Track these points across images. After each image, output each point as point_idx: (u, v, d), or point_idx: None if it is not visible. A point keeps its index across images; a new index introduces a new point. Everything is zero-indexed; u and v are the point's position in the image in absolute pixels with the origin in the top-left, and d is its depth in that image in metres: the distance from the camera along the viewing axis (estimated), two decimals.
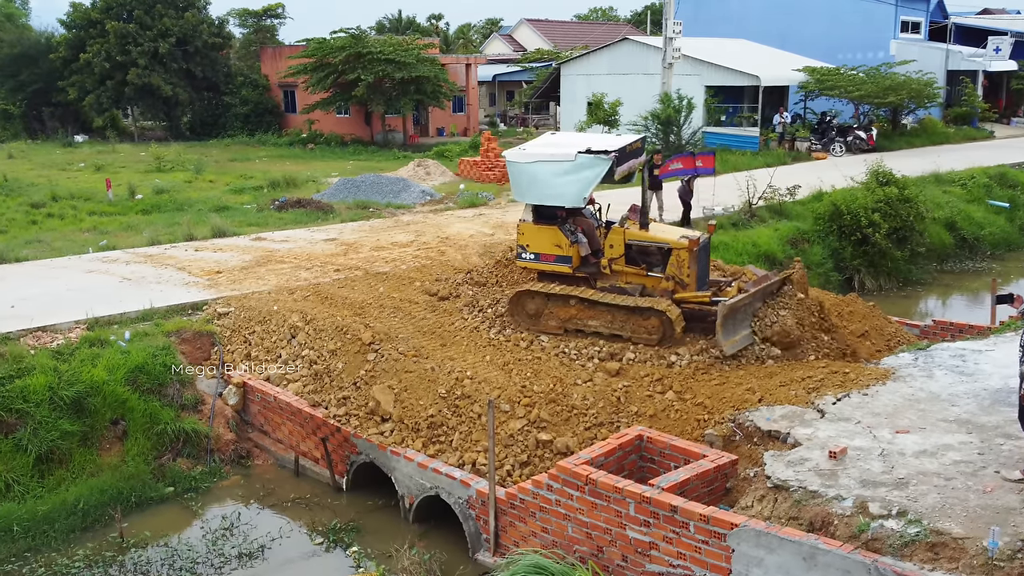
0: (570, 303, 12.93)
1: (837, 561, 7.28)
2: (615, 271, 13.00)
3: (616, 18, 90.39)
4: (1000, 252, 25.08)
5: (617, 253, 12.94)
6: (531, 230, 13.19)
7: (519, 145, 13.78)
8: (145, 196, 27.18)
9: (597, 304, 12.73)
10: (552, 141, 13.84)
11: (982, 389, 10.40)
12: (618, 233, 12.95)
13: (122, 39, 45.84)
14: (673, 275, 12.63)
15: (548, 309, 13.14)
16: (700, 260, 12.74)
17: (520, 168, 12.92)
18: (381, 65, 40.78)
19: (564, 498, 9.15)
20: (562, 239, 13.01)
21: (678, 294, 12.62)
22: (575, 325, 12.95)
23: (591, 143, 12.88)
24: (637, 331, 12.53)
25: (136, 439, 12.32)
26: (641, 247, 12.96)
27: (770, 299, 12.78)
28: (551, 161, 12.65)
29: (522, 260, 13.52)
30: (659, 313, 12.33)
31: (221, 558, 10.66)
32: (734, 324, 12.02)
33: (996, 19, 59.67)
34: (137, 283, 16.60)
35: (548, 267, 13.22)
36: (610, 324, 12.70)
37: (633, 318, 12.54)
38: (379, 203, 25.43)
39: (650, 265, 12.93)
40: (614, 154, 12.36)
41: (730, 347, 11.90)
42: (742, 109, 38.70)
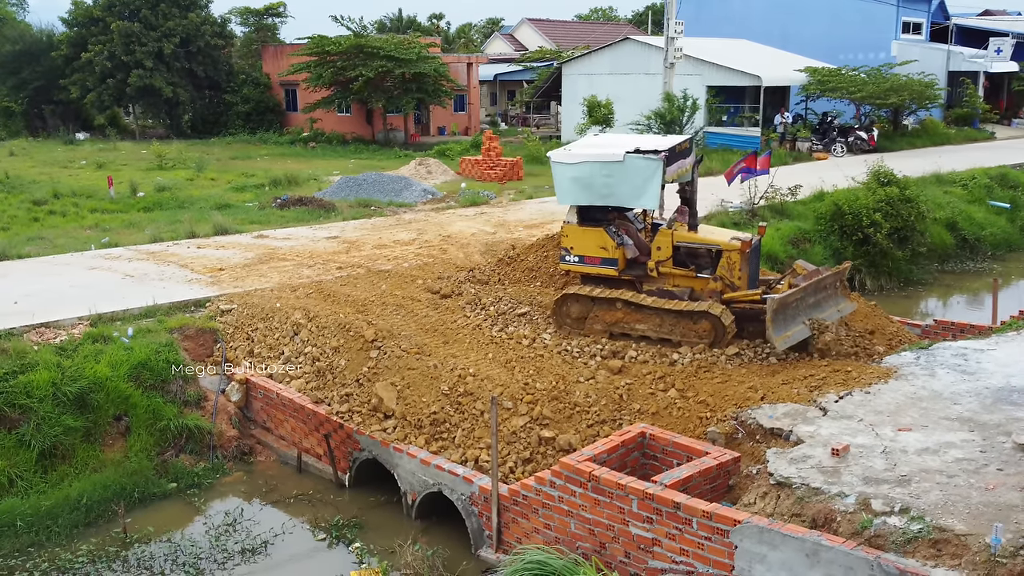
0: (616, 306, 12.74)
1: (840, 558, 7.30)
2: (663, 274, 12.78)
3: (617, 18, 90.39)
4: (1001, 252, 25.09)
5: (665, 255, 12.73)
6: (576, 232, 13.01)
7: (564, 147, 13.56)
8: (147, 194, 27.23)
9: (645, 308, 12.55)
10: (599, 142, 13.70)
11: (984, 388, 10.42)
12: (666, 235, 12.74)
13: (126, 38, 45.86)
14: (723, 276, 12.43)
15: (593, 312, 12.96)
16: (751, 262, 12.58)
17: (565, 169, 12.75)
18: (381, 61, 40.80)
19: (567, 495, 9.18)
20: (608, 241, 12.85)
21: (727, 295, 12.45)
22: (621, 329, 12.77)
23: (639, 143, 12.73)
24: (687, 335, 12.36)
25: (139, 435, 12.34)
26: (690, 249, 12.77)
27: (822, 293, 12.60)
28: (600, 162, 12.46)
29: (565, 263, 13.33)
30: (710, 316, 12.16)
31: (224, 554, 10.68)
32: (785, 319, 11.82)
33: (997, 20, 59.69)
34: (140, 280, 16.62)
35: (593, 270, 13.03)
36: (659, 328, 12.53)
37: (683, 321, 12.36)
38: (381, 201, 25.46)
39: (699, 267, 12.72)
40: (664, 154, 12.20)
41: (782, 343, 11.69)
42: (743, 109, 38.73)
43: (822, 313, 12.43)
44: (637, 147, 12.41)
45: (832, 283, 12.92)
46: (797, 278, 12.91)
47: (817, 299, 12.52)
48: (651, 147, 12.42)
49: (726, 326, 12.12)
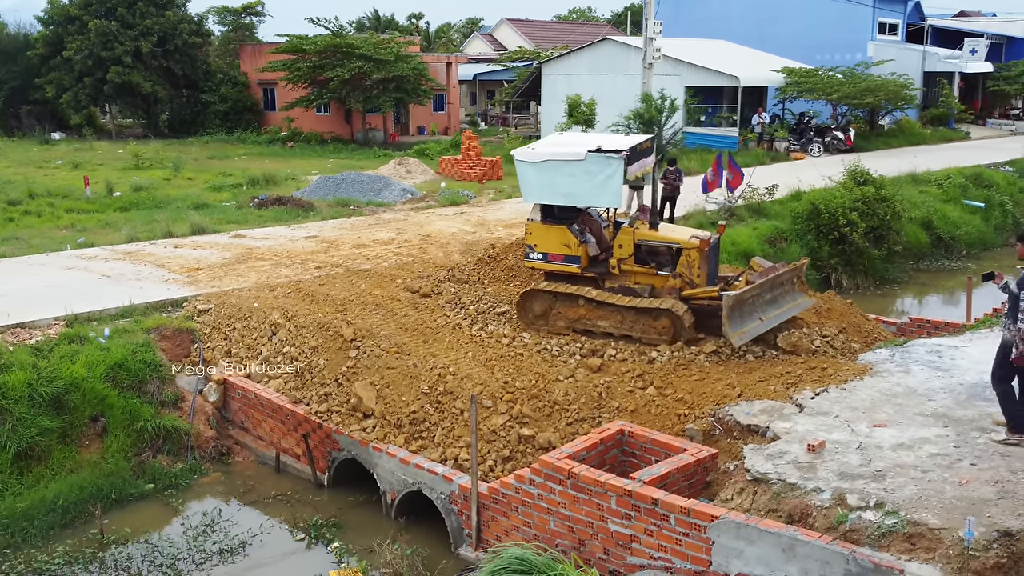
0: (579, 303, 12.88)
1: (816, 552, 7.37)
2: (624, 271, 12.94)
3: (596, 18, 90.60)
4: (975, 251, 25.38)
5: (626, 253, 12.89)
6: (539, 230, 13.14)
7: (528, 145, 13.72)
8: (123, 193, 27.02)
9: (606, 304, 12.68)
10: (562, 141, 13.80)
11: (958, 384, 10.55)
12: (628, 233, 12.90)
13: (103, 37, 45.53)
14: (682, 274, 12.60)
15: (556, 309, 13.10)
16: (710, 260, 12.75)
17: (530, 167, 12.87)
18: (358, 61, 40.68)
19: (546, 492, 9.20)
20: (571, 239, 12.97)
21: (686, 292, 12.59)
22: (584, 325, 12.91)
23: (601, 143, 12.87)
24: (647, 331, 12.51)
25: (116, 436, 12.25)
26: (651, 247, 12.93)
27: (779, 289, 12.81)
28: (562, 161, 12.60)
29: (529, 260, 13.47)
30: (669, 313, 12.31)
31: (202, 554, 10.63)
32: (741, 316, 12.00)
33: (972, 21, 60.35)
34: (116, 280, 16.50)
35: (556, 267, 13.17)
36: (620, 324, 12.66)
37: (643, 318, 12.52)
38: (360, 201, 25.40)
39: (660, 265, 12.89)
40: (625, 153, 12.35)
41: (738, 338, 11.85)
42: (721, 109, 38.93)
43: (779, 309, 12.66)
44: (599, 146, 12.56)
45: (789, 279, 13.15)
46: (754, 275, 13.09)
47: (774, 295, 12.74)
48: (612, 146, 12.58)
49: (684, 323, 12.28)
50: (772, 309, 12.57)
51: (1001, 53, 53.08)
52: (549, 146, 13.33)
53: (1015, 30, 56.17)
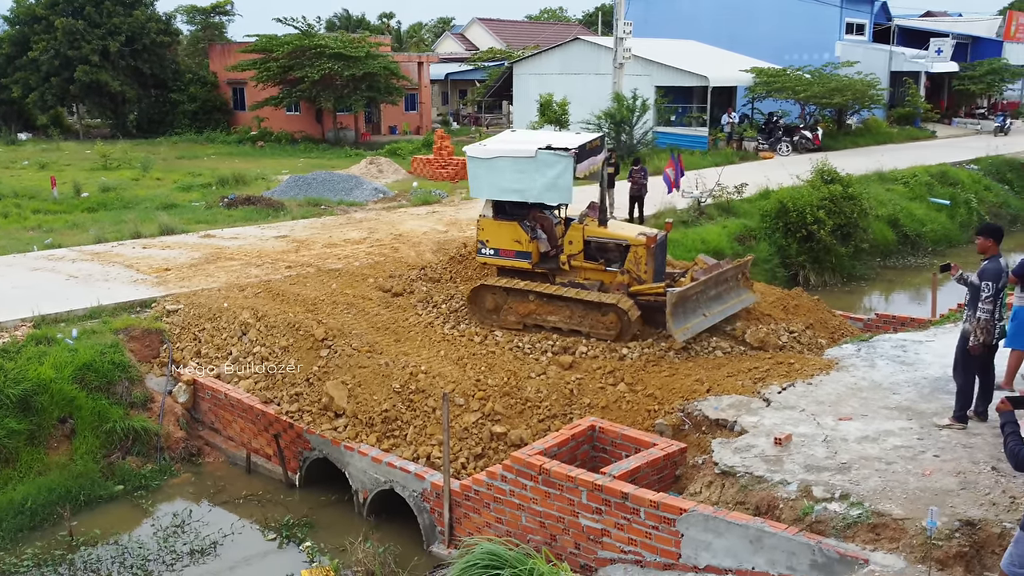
0: (529, 298, 13.05)
1: (782, 543, 7.47)
2: (574, 267, 13.14)
3: (567, 19, 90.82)
4: (941, 248, 25.73)
5: (576, 249, 13.09)
6: (491, 225, 13.31)
7: (479, 141, 13.90)
8: (91, 194, 26.75)
9: (555, 299, 12.86)
10: (513, 138, 13.92)
11: (922, 378, 10.72)
12: (577, 230, 13.09)
13: (70, 36, 45.02)
14: (630, 270, 12.81)
15: (507, 304, 13.26)
16: (657, 257, 12.97)
17: (479, 164, 13.01)
18: (327, 61, 40.51)
19: (518, 488, 9.25)
20: (522, 235, 13.13)
21: (633, 288, 12.79)
22: (534, 320, 13.08)
23: (551, 140, 12.99)
24: (595, 327, 12.69)
25: (84, 437, 12.14)
26: (600, 244, 13.13)
27: (723, 286, 13.04)
28: (513, 157, 12.73)
29: (481, 255, 13.64)
30: (616, 308, 12.49)
31: (173, 555, 10.57)
32: (685, 312, 12.25)
33: (938, 21, 61.16)
34: (84, 281, 16.36)
35: (508, 262, 13.35)
36: (568, 320, 12.84)
37: (591, 314, 12.69)
38: (331, 200, 25.32)
39: (608, 261, 13.10)
40: (574, 151, 12.50)
41: (681, 334, 12.09)
42: (691, 109, 39.19)
43: (723, 305, 12.95)
44: (549, 144, 12.70)
45: (734, 276, 13.43)
46: (698, 272, 13.31)
47: (718, 291, 13.02)
48: (563, 144, 12.73)
49: (631, 318, 12.46)
50: (716, 305, 12.88)
51: (966, 53, 53.83)
52: (500, 143, 13.51)
53: (980, 30, 57.05)
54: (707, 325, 12.54)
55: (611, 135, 32.75)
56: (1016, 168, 32.84)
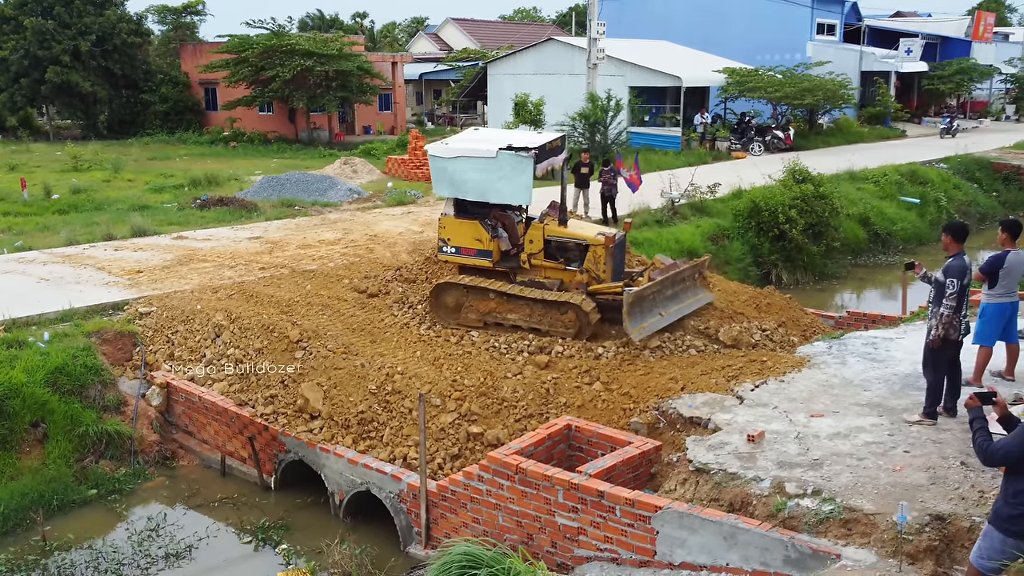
0: (489, 296, 13.19)
1: (756, 539, 7.56)
2: (534, 266, 13.30)
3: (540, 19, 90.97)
4: (911, 246, 26.03)
5: (536, 248, 13.24)
6: (452, 224, 13.44)
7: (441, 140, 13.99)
8: (62, 196, 26.48)
9: (516, 298, 13.01)
10: (475, 137, 13.98)
11: (892, 375, 10.86)
12: (537, 229, 13.24)
13: (40, 36, 44.51)
14: (589, 269, 12.99)
15: (468, 302, 13.39)
16: (616, 256, 13.14)
17: (441, 163, 13.11)
18: (300, 59, 40.34)
19: (495, 488, 9.29)
20: (483, 233, 13.26)
21: (592, 287, 12.95)
22: (495, 318, 13.22)
23: (512, 140, 13.09)
24: (555, 325, 12.86)
25: (57, 441, 12.03)
26: (560, 243, 13.27)
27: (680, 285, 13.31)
28: (473, 157, 12.84)
29: (443, 253, 13.78)
30: (575, 307, 12.65)
31: (147, 559, 10.51)
32: (642, 311, 12.47)
33: (907, 22, 61.90)
34: (55, 283, 16.20)
35: (469, 261, 13.49)
36: (529, 318, 13.01)
37: (551, 312, 12.87)
38: (305, 201, 25.22)
39: (568, 260, 13.26)
40: (534, 152, 12.62)
41: (637, 334, 12.30)
42: (664, 110, 39.38)
43: (679, 304, 13.17)
44: (510, 144, 12.83)
45: (691, 275, 13.67)
46: (655, 272, 13.52)
47: (675, 291, 13.25)
48: (523, 144, 12.87)
49: (589, 317, 12.62)
50: (673, 304, 13.10)
51: (936, 53, 54.49)
52: (462, 142, 13.62)
53: (949, 30, 57.78)
54: (663, 324, 12.75)
55: (585, 135, 32.87)
56: (984, 167, 33.27)
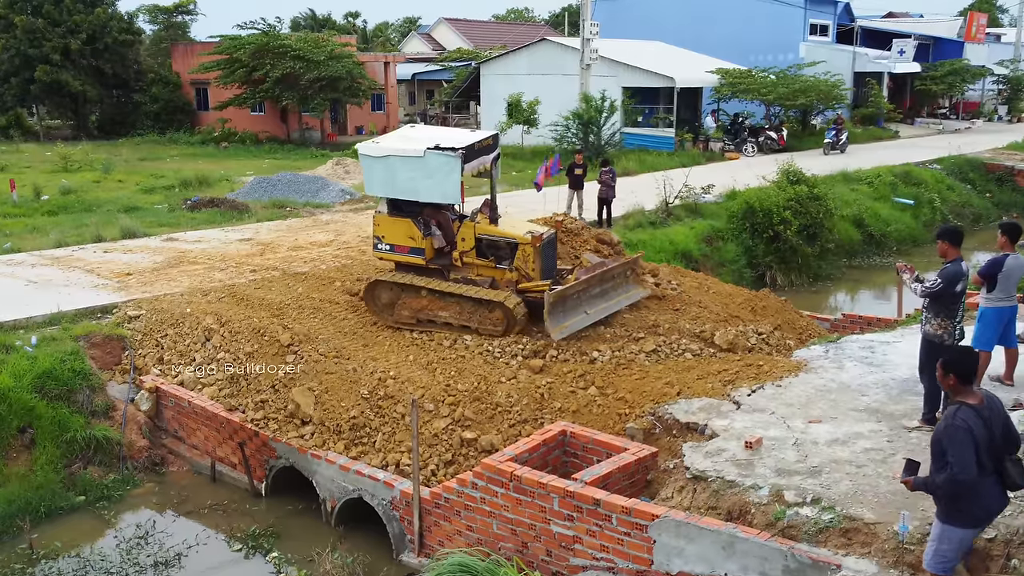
0: (421, 294, 13.29)
1: (755, 549, 7.44)
2: (466, 263, 13.41)
3: (533, 19, 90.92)
4: (906, 247, 25.98)
5: (468, 246, 13.35)
6: (386, 222, 13.54)
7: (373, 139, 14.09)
8: (51, 197, 26.25)
9: (446, 295, 13.14)
10: (407, 135, 14.09)
11: (890, 379, 10.76)
12: (469, 227, 13.34)
13: (30, 34, 44.22)
14: (519, 268, 13.12)
15: (401, 300, 13.48)
16: (545, 254, 13.25)
17: (372, 162, 13.20)
18: (290, 61, 40.20)
19: (489, 495, 9.16)
20: (415, 231, 13.36)
21: (522, 285, 13.06)
22: (427, 316, 13.32)
23: (442, 139, 13.18)
24: (483, 323, 12.97)
25: (44, 447, 11.85)
26: (490, 241, 13.38)
27: (609, 283, 13.46)
28: (402, 156, 12.91)
29: (377, 251, 13.86)
30: (502, 306, 12.76)
31: (136, 567, 10.34)
32: (564, 311, 12.59)
33: (900, 22, 61.94)
34: (43, 286, 16.02)
35: (402, 258, 13.59)
36: (459, 315, 13.11)
37: (480, 310, 12.98)
38: (297, 202, 25.05)
39: (499, 258, 13.36)
40: (462, 151, 12.67)
41: (557, 333, 12.41)
42: (658, 110, 39.30)
43: (609, 302, 13.32)
44: (438, 144, 12.87)
45: (621, 273, 13.80)
46: (581, 271, 13.64)
47: (603, 289, 13.38)
48: (451, 143, 12.91)
49: (516, 315, 12.69)
50: (601, 302, 13.23)
51: (928, 53, 54.54)
52: (393, 141, 13.71)
53: (941, 31, 57.83)
54: (589, 322, 12.90)
55: (579, 136, 32.77)
56: (978, 168, 33.28)
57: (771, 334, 13.38)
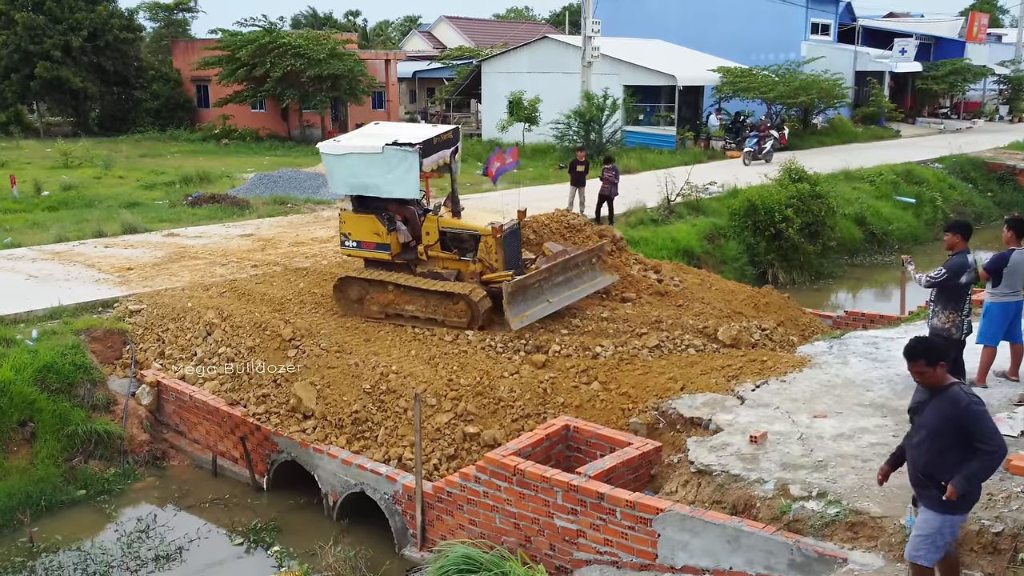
0: (388, 288, 13.40)
1: (760, 543, 7.40)
2: (432, 257, 13.55)
3: (534, 18, 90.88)
4: (907, 246, 25.92)
5: (432, 240, 13.49)
6: (351, 219, 13.69)
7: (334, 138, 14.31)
8: (52, 193, 26.21)
9: (412, 289, 13.24)
10: (368, 133, 14.19)
11: (895, 375, 10.71)
12: (432, 221, 13.48)
13: (31, 31, 44.14)
14: (482, 259, 13.23)
15: (369, 295, 13.59)
16: (509, 245, 13.35)
17: (333, 160, 13.35)
18: (290, 59, 40.16)
19: (492, 489, 9.11)
20: (380, 227, 13.50)
21: (486, 276, 13.15)
22: (395, 310, 13.45)
23: (400, 135, 13.28)
24: (448, 315, 13.10)
25: (45, 441, 11.82)
26: (454, 234, 13.52)
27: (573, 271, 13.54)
28: (361, 153, 13.05)
29: (345, 247, 13.99)
30: (465, 297, 12.85)
31: (137, 561, 10.31)
32: (525, 300, 12.70)
33: (901, 22, 61.90)
34: (44, 281, 15.98)
35: (370, 254, 13.73)
36: (424, 308, 13.24)
37: (445, 302, 13.09)
38: (298, 198, 25.02)
39: (463, 251, 13.50)
40: (419, 146, 12.76)
41: (517, 323, 12.51)
42: (659, 109, 39.26)
43: (572, 290, 13.45)
44: (396, 139, 12.99)
45: (586, 261, 13.91)
46: (542, 260, 13.81)
47: (567, 277, 13.51)
48: (409, 139, 13.04)
49: (479, 306, 12.81)
50: (564, 290, 13.37)
51: (929, 53, 54.51)
52: (354, 139, 13.87)
53: (943, 31, 57.82)
54: (552, 311, 13.00)
55: (580, 134, 32.73)
56: (979, 167, 33.25)
57: (774, 330, 13.33)
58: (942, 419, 6.22)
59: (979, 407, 6.12)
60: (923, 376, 6.37)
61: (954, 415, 6.16)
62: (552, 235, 15.63)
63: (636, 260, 15.94)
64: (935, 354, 6.30)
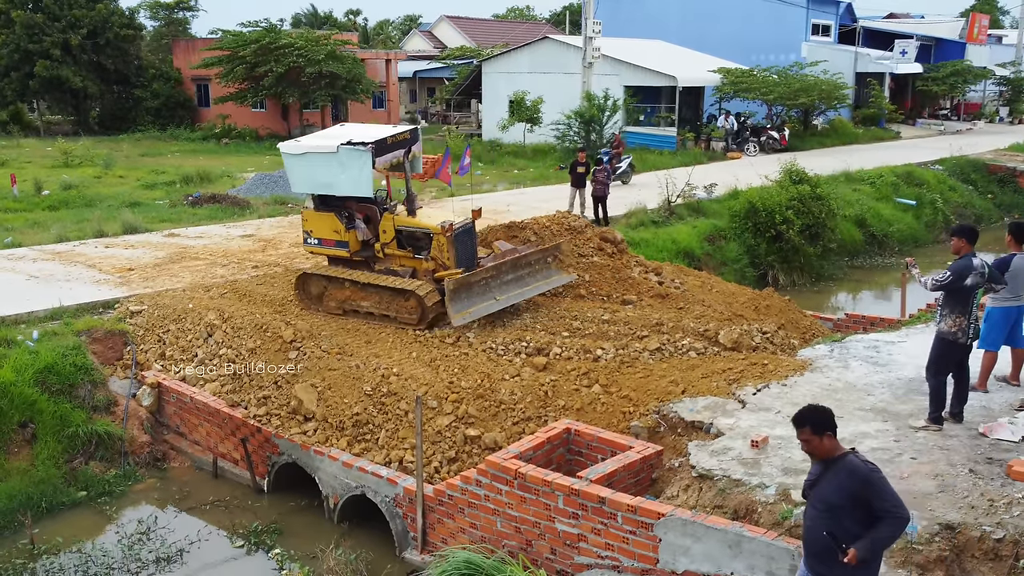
0: (345, 285, 13.66)
1: (761, 548, 7.40)
2: (388, 255, 13.80)
3: (534, 17, 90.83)
4: (907, 248, 25.89)
5: (389, 238, 13.75)
6: (313, 217, 14.00)
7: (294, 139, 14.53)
8: (52, 192, 26.20)
9: (366, 286, 13.48)
10: (328, 134, 14.46)
11: (896, 379, 10.72)
12: (388, 219, 13.75)
13: (30, 29, 44.09)
14: (435, 257, 13.46)
15: (328, 291, 13.85)
16: (461, 243, 13.59)
17: (293, 160, 13.66)
18: (291, 57, 40.24)
19: (493, 493, 9.11)
20: (339, 225, 13.75)
21: (439, 273, 13.33)
22: (351, 306, 13.69)
23: (355, 135, 13.55)
24: (400, 311, 13.32)
25: (46, 442, 11.81)
26: (409, 232, 13.77)
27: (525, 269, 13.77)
28: (318, 153, 13.36)
29: (307, 245, 14.27)
30: (414, 294, 13.06)
31: (137, 563, 10.30)
32: (469, 297, 12.95)
33: (902, 23, 61.90)
34: (45, 281, 15.97)
35: (330, 251, 14.01)
36: (378, 305, 13.48)
37: (397, 299, 13.32)
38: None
39: (417, 249, 13.73)
40: (371, 145, 13.02)
41: (458, 319, 12.75)
42: (660, 109, 39.25)
43: (524, 287, 13.69)
44: (350, 139, 13.27)
45: (540, 259, 14.15)
46: (487, 258, 14.08)
47: (518, 275, 13.73)
48: (362, 139, 13.30)
49: (428, 303, 12.98)
50: (515, 288, 13.61)
51: (930, 54, 54.51)
52: (312, 139, 14.15)
53: (943, 32, 57.81)
54: (498, 308, 13.19)
55: (581, 134, 32.72)
56: (980, 169, 33.23)
57: (775, 333, 13.33)
58: (839, 492, 5.78)
59: (877, 474, 5.78)
60: (809, 445, 5.94)
61: (851, 487, 5.74)
62: (553, 237, 15.65)
63: (637, 262, 15.95)
64: (822, 424, 5.86)
